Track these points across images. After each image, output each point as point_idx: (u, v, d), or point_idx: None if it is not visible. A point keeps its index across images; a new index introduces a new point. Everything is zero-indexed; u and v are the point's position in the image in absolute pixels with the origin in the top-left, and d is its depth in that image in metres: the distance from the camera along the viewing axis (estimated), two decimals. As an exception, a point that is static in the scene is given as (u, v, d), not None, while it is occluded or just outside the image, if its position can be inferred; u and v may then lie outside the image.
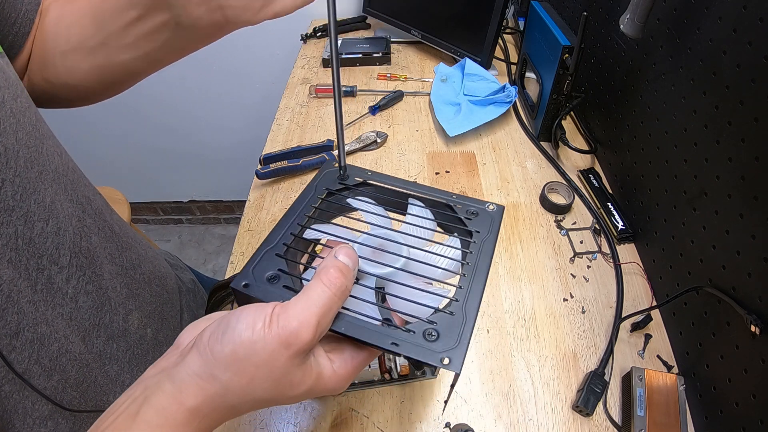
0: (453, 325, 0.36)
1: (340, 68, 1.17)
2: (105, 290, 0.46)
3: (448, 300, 0.38)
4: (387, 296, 0.39)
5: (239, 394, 0.30)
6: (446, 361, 0.34)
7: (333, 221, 0.46)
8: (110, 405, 0.35)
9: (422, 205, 0.45)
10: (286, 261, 0.39)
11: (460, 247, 0.42)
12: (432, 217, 0.45)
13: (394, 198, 0.47)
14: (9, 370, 0.35)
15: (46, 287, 0.38)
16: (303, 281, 0.38)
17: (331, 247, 0.35)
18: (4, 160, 0.35)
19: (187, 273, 0.78)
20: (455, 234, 0.44)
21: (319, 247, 0.45)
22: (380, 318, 0.37)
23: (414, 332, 0.35)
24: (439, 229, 0.46)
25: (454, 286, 0.39)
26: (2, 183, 0.34)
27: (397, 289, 0.39)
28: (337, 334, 0.35)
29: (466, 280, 0.39)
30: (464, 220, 0.44)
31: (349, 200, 0.46)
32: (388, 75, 0.91)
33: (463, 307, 0.37)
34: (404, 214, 0.46)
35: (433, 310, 0.37)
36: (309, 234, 0.42)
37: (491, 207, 0.45)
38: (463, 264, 0.41)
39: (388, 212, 0.46)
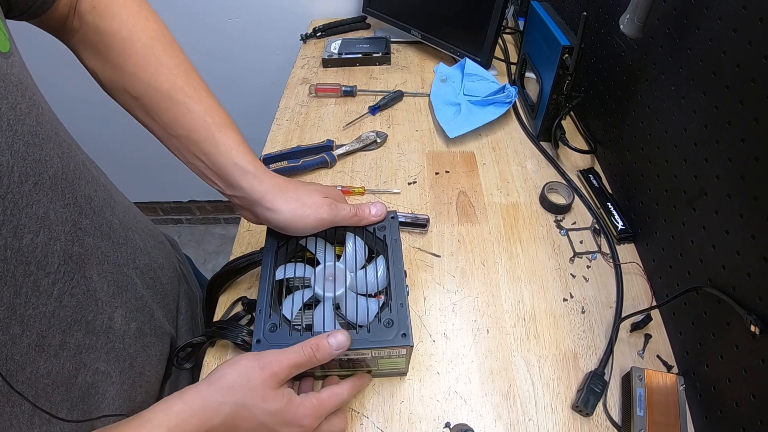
0: (400, 314, 0.52)
1: (339, 68, 1.18)
2: (93, 291, 0.46)
3: (383, 301, 0.55)
4: (342, 308, 0.54)
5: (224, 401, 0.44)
6: (402, 335, 0.50)
7: (295, 260, 0.59)
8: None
9: (352, 235, 0.60)
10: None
11: (384, 263, 0.57)
12: (360, 241, 0.59)
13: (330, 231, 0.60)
14: None
15: (31, 290, 0.38)
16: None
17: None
18: None
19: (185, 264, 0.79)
20: (380, 254, 0.59)
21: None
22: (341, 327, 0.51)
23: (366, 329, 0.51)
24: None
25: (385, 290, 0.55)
26: None
27: (350, 303, 0.54)
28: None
29: (391, 284, 0.54)
30: (375, 231, 0.60)
31: (300, 241, 0.59)
32: (338, 186, 0.80)
33: (396, 302, 0.53)
34: (341, 243, 0.60)
35: (376, 311, 0.53)
36: (279, 275, 0.56)
37: (391, 218, 0.61)
38: (387, 271, 0.56)
39: (331, 244, 0.60)
